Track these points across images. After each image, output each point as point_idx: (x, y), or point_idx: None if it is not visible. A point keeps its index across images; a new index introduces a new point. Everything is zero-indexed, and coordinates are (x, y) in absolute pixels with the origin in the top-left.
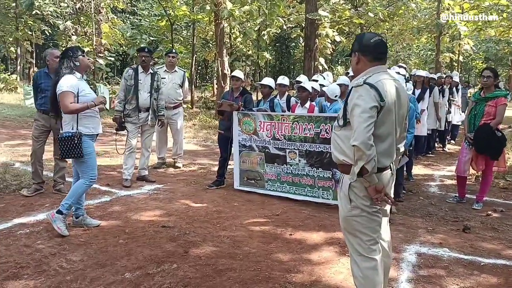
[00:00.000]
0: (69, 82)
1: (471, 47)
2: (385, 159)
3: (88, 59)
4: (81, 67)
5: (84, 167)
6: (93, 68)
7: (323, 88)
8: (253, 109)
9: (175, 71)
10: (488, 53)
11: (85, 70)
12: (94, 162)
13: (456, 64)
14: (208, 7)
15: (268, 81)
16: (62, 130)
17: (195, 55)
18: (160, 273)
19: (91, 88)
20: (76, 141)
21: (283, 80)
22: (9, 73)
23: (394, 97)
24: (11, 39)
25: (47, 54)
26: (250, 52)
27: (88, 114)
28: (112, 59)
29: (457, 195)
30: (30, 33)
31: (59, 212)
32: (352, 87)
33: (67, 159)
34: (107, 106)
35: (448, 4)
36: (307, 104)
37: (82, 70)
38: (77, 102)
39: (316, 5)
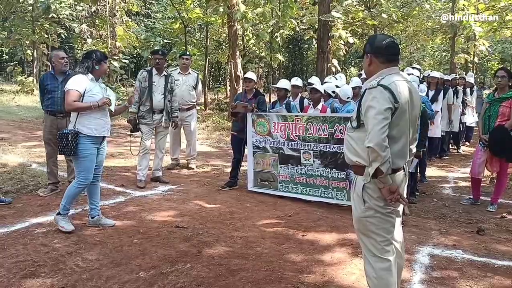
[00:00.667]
0: (77, 81)
1: (487, 48)
2: (399, 160)
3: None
4: (99, 72)
5: (77, 168)
6: (108, 70)
7: (336, 90)
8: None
9: (189, 73)
10: (504, 54)
11: (101, 75)
12: (88, 165)
13: (471, 65)
14: (221, 10)
15: (284, 83)
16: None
17: (208, 57)
18: (174, 272)
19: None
20: (70, 139)
21: (296, 81)
22: (25, 76)
23: (408, 98)
24: (27, 42)
25: (52, 56)
26: (263, 54)
27: (91, 115)
28: (127, 61)
29: (471, 197)
30: (46, 36)
31: (58, 213)
32: (366, 89)
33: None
34: (112, 107)
35: (463, 4)
36: (320, 106)
37: (98, 75)
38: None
39: (329, 7)
